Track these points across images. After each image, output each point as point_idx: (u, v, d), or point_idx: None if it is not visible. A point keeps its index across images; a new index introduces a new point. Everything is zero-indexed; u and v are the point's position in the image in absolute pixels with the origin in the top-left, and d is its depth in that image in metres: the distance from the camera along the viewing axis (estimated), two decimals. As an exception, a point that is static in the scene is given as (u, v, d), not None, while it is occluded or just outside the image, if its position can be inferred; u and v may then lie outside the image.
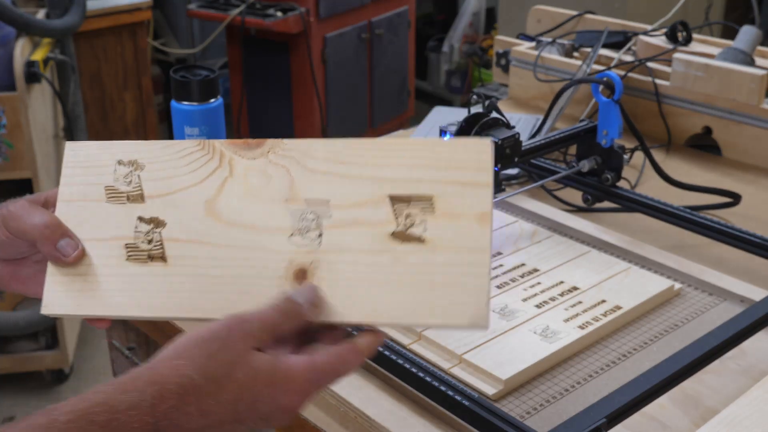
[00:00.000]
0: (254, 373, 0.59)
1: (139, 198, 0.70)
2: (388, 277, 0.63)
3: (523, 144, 1.13)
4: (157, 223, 0.69)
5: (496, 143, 1.06)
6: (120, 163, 0.71)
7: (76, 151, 0.73)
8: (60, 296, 0.69)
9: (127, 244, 0.69)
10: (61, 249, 0.69)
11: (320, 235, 0.65)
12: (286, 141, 0.68)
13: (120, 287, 0.69)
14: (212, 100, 1.16)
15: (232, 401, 0.58)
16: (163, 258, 0.68)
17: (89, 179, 0.71)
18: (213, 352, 0.58)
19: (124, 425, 0.54)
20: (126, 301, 0.68)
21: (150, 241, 0.69)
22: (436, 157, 0.64)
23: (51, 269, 0.70)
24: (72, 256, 0.69)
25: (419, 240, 0.64)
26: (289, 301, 0.63)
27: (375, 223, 0.64)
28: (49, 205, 0.72)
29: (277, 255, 0.66)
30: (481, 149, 0.64)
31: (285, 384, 0.60)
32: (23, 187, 2.19)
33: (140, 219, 0.69)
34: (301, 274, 0.65)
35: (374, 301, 0.63)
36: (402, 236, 0.64)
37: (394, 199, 0.64)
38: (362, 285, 0.64)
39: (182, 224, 0.68)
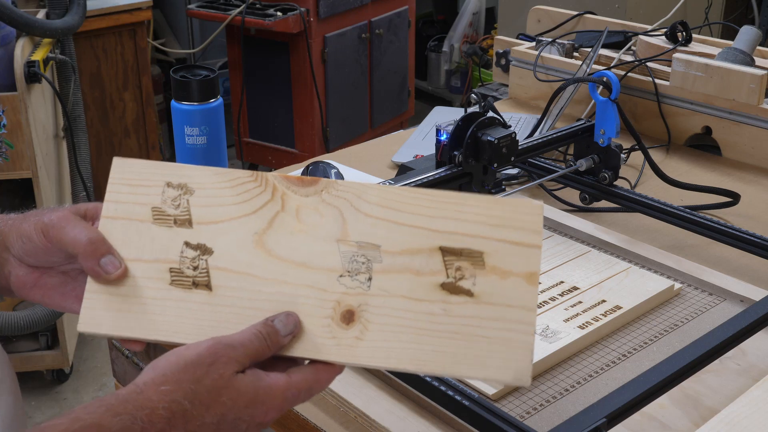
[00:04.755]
0: (238, 395, 0.61)
1: (187, 223, 0.68)
2: (435, 326, 0.64)
3: (520, 143, 1.13)
4: (204, 250, 0.68)
5: (492, 142, 1.06)
6: (169, 185, 0.69)
7: (124, 168, 0.70)
8: (98, 314, 0.67)
9: (171, 269, 0.67)
10: (104, 266, 0.67)
11: (369, 279, 0.66)
12: (339, 182, 0.68)
13: (161, 311, 0.67)
14: (212, 100, 1.16)
15: (216, 422, 0.61)
16: (208, 286, 0.67)
17: (136, 198, 0.69)
18: (199, 377, 0.60)
19: None
20: (166, 326, 0.67)
21: (195, 268, 0.67)
22: (489, 214, 0.65)
23: (91, 286, 0.67)
24: (114, 274, 0.67)
25: (468, 293, 0.64)
26: (270, 327, 0.64)
27: (425, 272, 0.65)
28: (89, 218, 0.71)
29: (326, 294, 0.66)
30: (534, 211, 0.65)
31: (264, 403, 0.62)
32: (23, 187, 2.19)
33: (187, 244, 0.68)
34: (349, 316, 0.65)
35: (419, 348, 0.64)
36: (451, 288, 0.65)
37: (446, 251, 0.65)
38: (409, 332, 0.64)
39: (230, 254, 0.67)
